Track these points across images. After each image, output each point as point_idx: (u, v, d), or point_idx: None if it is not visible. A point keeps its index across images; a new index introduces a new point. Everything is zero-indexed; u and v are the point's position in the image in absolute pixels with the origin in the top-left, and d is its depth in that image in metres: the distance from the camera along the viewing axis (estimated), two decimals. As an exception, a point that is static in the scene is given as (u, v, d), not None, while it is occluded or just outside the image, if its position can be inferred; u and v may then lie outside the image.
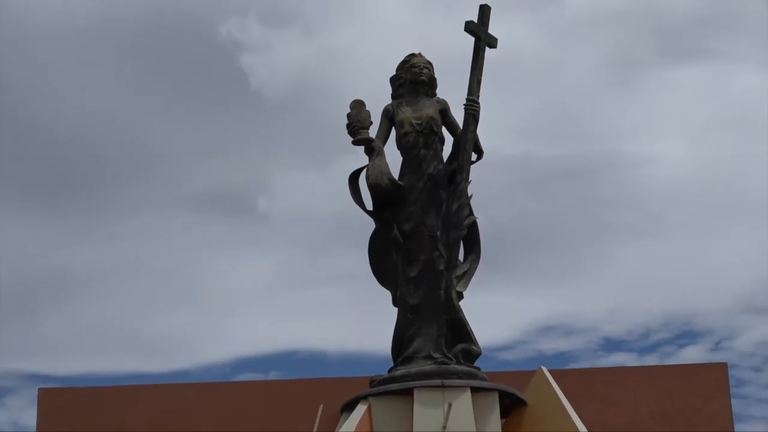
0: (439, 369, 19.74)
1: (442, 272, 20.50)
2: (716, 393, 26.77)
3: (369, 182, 20.95)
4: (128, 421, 26.15)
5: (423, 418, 19.13)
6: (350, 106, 21.22)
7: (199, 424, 25.83)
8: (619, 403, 25.08)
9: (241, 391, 28.27)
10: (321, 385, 24.25)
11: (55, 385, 28.71)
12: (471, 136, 20.79)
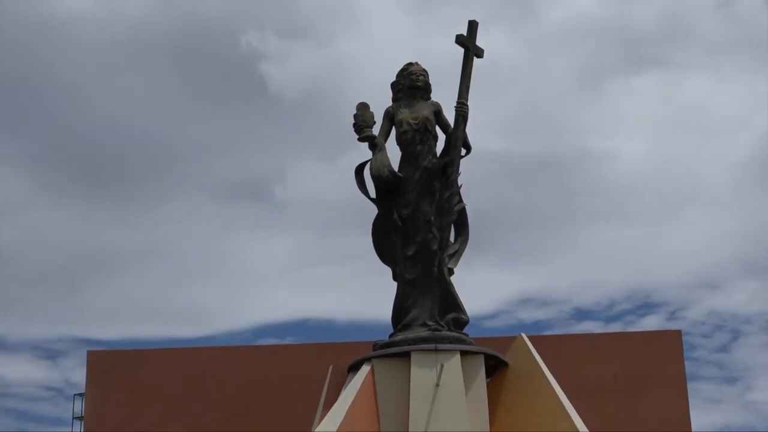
0: (432, 335, 19.81)
1: (435, 251, 20.59)
2: (671, 356, 26.83)
3: (372, 173, 21.09)
4: (164, 378, 26.24)
5: (419, 377, 19.20)
6: (356, 107, 21.43)
7: (225, 382, 25.91)
8: (588, 365, 25.17)
9: (261, 353, 28.35)
10: (330, 349, 24.29)
11: (101, 348, 28.65)
12: (460, 134, 20.90)
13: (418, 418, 18.91)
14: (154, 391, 25.71)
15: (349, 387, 19.69)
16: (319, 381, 22.46)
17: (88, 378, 27.06)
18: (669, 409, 25.71)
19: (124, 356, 28.43)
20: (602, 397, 24.10)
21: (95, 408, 26.82)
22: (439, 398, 19.11)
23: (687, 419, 25.96)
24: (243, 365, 26.52)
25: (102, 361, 27.48)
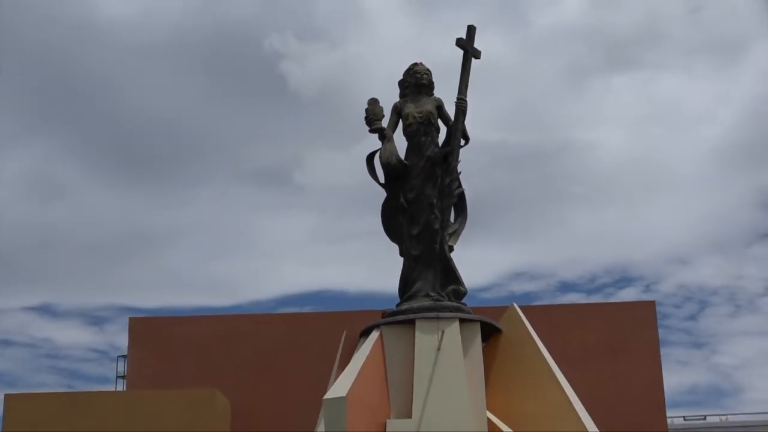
0: (434, 304, 19.81)
1: (437, 230, 20.58)
2: (646, 324, 26.81)
3: (381, 161, 21.09)
4: (196, 341, 26.32)
5: (422, 342, 19.22)
6: (367, 102, 21.46)
7: (250, 345, 25.95)
8: (572, 332, 25.16)
9: (282, 321, 28.38)
10: (344, 317, 24.30)
11: (141, 315, 28.66)
12: (460, 126, 20.89)
13: (421, 378, 18.96)
14: (188, 352, 25.83)
15: (360, 350, 19.74)
16: (334, 345, 22.50)
17: (130, 341, 27.17)
18: (644, 371, 25.74)
19: (161, 322, 28.52)
20: (584, 361, 24.08)
21: (136, 368, 26.94)
22: (440, 361, 19.14)
23: (660, 380, 25.98)
24: (266, 331, 26.59)
25: (142, 327, 27.58)
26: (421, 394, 18.88)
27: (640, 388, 25.45)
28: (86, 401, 24.33)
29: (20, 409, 23.02)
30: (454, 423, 18.58)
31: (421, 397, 18.85)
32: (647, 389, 25.65)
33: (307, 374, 22.93)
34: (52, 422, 22.64)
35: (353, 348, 20.61)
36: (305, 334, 25.34)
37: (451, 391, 18.88)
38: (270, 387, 24.63)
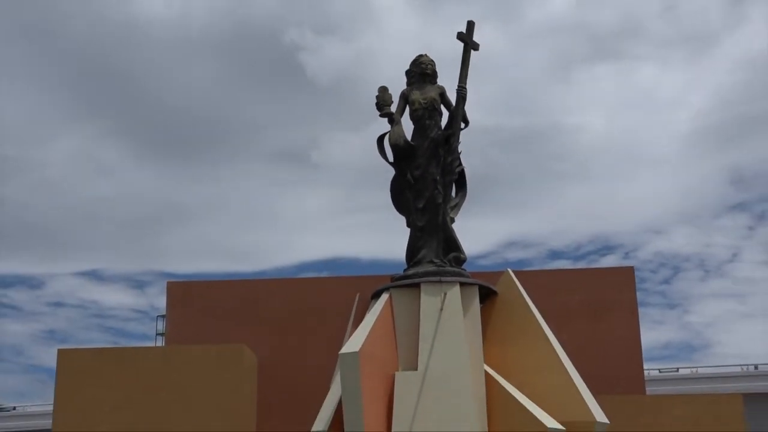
0: (437, 270, 19.83)
1: (440, 204, 20.57)
2: (625, 288, 26.77)
3: (390, 142, 21.10)
4: (226, 303, 26.41)
5: (427, 303, 19.25)
6: (378, 90, 21.53)
7: (274, 307, 26.02)
8: (560, 294, 25.15)
9: (302, 285, 28.41)
10: (357, 281, 24.33)
11: (178, 279, 28.76)
12: (460, 111, 20.86)
13: (426, 335, 18.99)
14: (218, 312, 25.92)
15: (371, 311, 19.76)
16: (348, 306, 22.55)
17: (168, 303, 27.25)
18: (623, 330, 25.73)
19: (195, 285, 28.62)
20: (570, 320, 24.09)
21: (173, 326, 27.07)
22: (443, 320, 19.16)
23: (637, 337, 25.98)
24: (288, 293, 26.67)
25: (178, 290, 27.66)
26: (426, 349, 18.91)
27: (620, 344, 25.47)
28: (129, 356, 24.49)
29: (71, 362, 23.18)
30: (454, 374, 18.64)
31: (425, 352, 18.89)
32: (626, 345, 25.67)
33: (325, 332, 23.00)
34: (99, 374, 22.80)
35: (365, 309, 20.66)
36: (323, 297, 25.39)
37: (452, 346, 18.91)
38: (292, 343, 24.74)
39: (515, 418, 18.16)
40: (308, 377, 22.44)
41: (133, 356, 24.39)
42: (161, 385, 22.51)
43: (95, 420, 22.32)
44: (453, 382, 18.57)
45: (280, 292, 27.07)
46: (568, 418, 17.74)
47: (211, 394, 22.36)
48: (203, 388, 22.43)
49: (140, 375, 22.75)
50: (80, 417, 22.43)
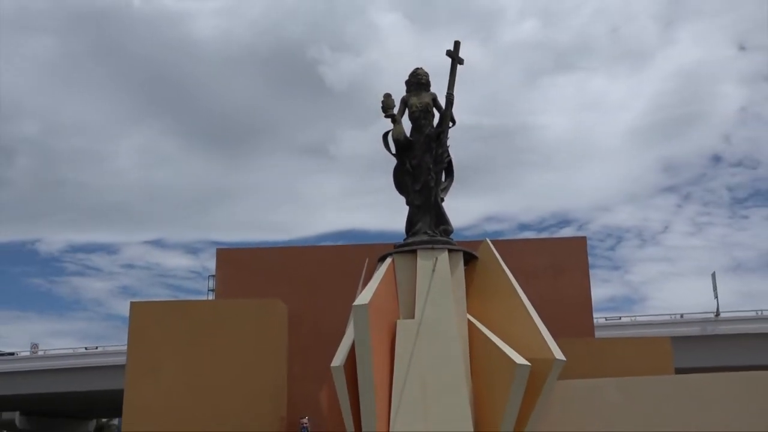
0: (430, 239, 19.84)
1: (432, 187, 20.53)
2: (579, 253, 26.75)
3: (393, 138, 21.09)
4: (263, 264, 26.42)
5: (422, 265, 19.24)
6: (383, 96, 21.61)
7: (302, 267, 26.01)
8: (528, 259, 25.11)
9: (323, 251, 28.41)
10: (367, 248, 24.31)
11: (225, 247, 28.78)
12: (449, 113, 20.77)
13: (421, 291, 19.01)
14: (257, 273, 25.94)
15: (378, 272, 19.78)
16: (359, 268, 22.56)
17: (217, 265, 27.30)
18: (578, 287, 25.74)
19: (239, 252, 28.73)
20: (536, 279, 24.08)
21: (221, 284, 27.13)
22: (435, 278, 19.16)
23: (588, 293, 26.01)
24: (311, 258, 26.73)
25: (225, 255, 27.71)
26: (421, 302, 18.94)
27: (574, 298, 25.47)
28: (186, 307, 24.59)
29: (140, 312, 23.25)
30: (444, 322, 18.67)
31: (421, 305, 18.91)
32: (579, 299, 25.68)
33: (341, 288, 22.97)
34: (162, 321, 22.86)
35: (373, 270, 20.67)
36: (339, 260, 25.40)
37: (442, 300, 18.92)
38: (315, 297, 24.77)
39: (491, 357, 18.24)
40: (328, 324, 22.47)
41: (189, 307, 24.50)
42: (211, 330, 22.57)
43: (159, 357, 22.43)
44: (443, 328, 18.66)
45: (305, 257, 27.08)
46: (533, 356, 17.78)
47: (251, 337, 22.42)
48: (245, 333, 22.48)
49: (195, 322, 22.82)
50: (148, 355, 22.54)
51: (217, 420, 21.48)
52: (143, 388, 22.21)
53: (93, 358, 54.48)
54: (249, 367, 22.06)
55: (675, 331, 41.93)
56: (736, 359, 40.95)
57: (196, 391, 21.94)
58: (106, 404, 61.51)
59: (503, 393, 17.39)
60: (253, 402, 21.73)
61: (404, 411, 17.65)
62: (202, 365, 22.21)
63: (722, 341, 44.66)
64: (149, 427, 21.70)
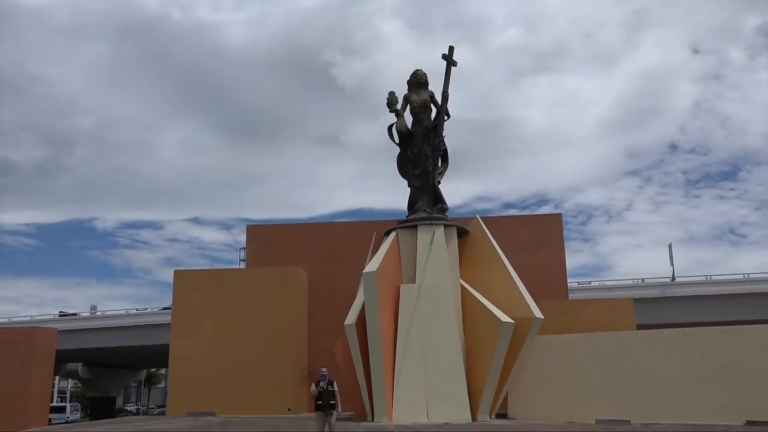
0: (429, 216, 19.83)
1: (430, 172, 20.45)
2: (556, 228, 26.65)
3: (396, 129, 20.98)
4: (287, 237, 26.34)
5: (422, 238, 19.27)
6: (388, 94, 21.40)
7: (320, 240, 25.96)
8: (512, 232, 25.00)
9: (337, 227, 28.37)
10: (375, 224, 24.27)
11: (254, 223, 28.79)
12: (444, 108, 20.67)
13: (421, 260, 19.03)
14: (281, 245, 25.87)
15: (384, 244, 19.78)
16: (368, 241, 22.56)
17: (247, 239, 27.29)
18: (555, 256, 25.67)
19: (266, 227, 28.56)
20: (519, 250, 23.99)
21: (251, 255, 27.09)
22: (433, 249, 19.17)
23: (563, 261, 25.91)
24: (328, 232, 26.67)
25: (255, 230, 27.63)
26: (421, 269, 18.98)
27: (551, 265, 25.41)
28: (221, 275, 24.66)
29: (182, 279, 23.34)
30: (441, 286, 18.72)
31: (421, 271, 18.96)
32: (555, 266, 25.62)
33: (353, 258, 22.99)
34: (201, 287, 22.97)
35: (380, 242, 20.68)
36: (351, 235, 25.37)
37: (439, 267, 18.96)
38: (331, 266, 24.77)
39: (481, 315, 18.34)
40: (341, 289, 22.53)
41: (224, 275, 24.57)
42: (242, 294, 22.67)
43: (199, 318, 22.56)
44: (439, 291, 18.73)
45: (322, 232, 27.05)
46: (516, 315, 17.84)
47: (277, 300, 22.51)
48: (271, 296, 22.57)
49: (228, 287, 22.91)
50: (189, 316, 22.67)
51: (248, 369, 21.66)
52: (185, 343, 22.39)
53: (142, 318, 54.77)
54: (275, 325, 22.19)
55: (636, 293, 41.92)
56: (689, 317, 40.98)
57: (230, 345, 22.11)
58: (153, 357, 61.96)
59: (491, 346, 17.49)
60: (278, 354, 21.89)
61: (407, 361, 17.80)
62: (235, 323, 22.36)
63: (677, 302, 44.66)
64: (191, 375, 21.93)
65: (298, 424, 16.97)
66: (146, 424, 19.06)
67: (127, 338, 53.83)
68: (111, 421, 23.22)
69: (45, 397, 20.91)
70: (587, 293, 44.88)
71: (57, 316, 61.11)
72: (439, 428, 15.45)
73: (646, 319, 32.21)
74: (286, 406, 21.40)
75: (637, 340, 17.80)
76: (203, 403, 21.14)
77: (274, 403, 21.24)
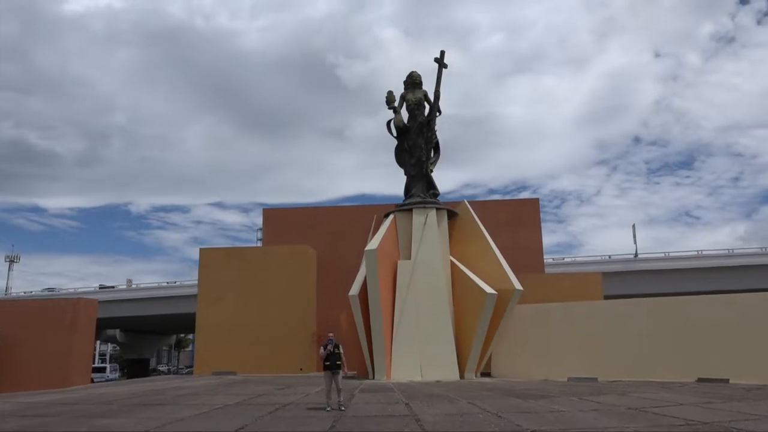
0: (423, 200, 19.77)
1: (424, 161, 20.35)
2: (534, 210, 26.62)
3: (394, 124, 20.84)
4: (299, 219, 26.34)
5: (416, 220, 19.24)
6: (386, 92, 21.20)
7: (327, 222, 25.97)
8: (495, 214, 24.98)
9: (343, 210, 28.27)
10: (375, 208, 24.26)
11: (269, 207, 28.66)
12: (436, 105, 20.47)
13: (416, 239, 19.02)
14: (293, 226, 25.87)
15: (383, 225, 19.74)
16: (370, 222, 22.58)
17: (263, 221, 27.26)
18: (532, 235, 25.67)
19: (280, 210, 28.53)
20: (501, 230, 24.02)
21: (267, 235, 27.10)
22: (426, 230, 19.16)
23: (540, 240, 25.93)
24: (334, 215, 26.63)
25: (270, 213, 27.60)
26: (416, 247, 18.99)
27: (529, 244, 25.42)
28: (241, 252, 24.60)
29: (207, 256, 23.35)
30: (433, 262, 18.74)
31: (416, 248, 18.97)
32: (533, 244, 25.64)
33: (356, 238, 23.02)
34: (224, 263, 22.96)
35: (380, 223, 20.68)
36: (354, 217, 25.34)
37: (431, 245, 18.97)
38: (337, 244, 24.79)
39: (468, 288, 18.38)
40: (346, 265, 22.58)
41: (243, 252, 24.56)
42: (260, 270, 22.69)
43: (222, 290, 22.60)
44: (432, 266, 18.79)
45: (330, 214, 27.01)
46: (498, 287, 17.89)
47: (289, 275, 22.54)
48: (284, 271, 22.59)
49: (248, 263, 22.92)
50: (213, 288, 22.71)
51: (264, 334, 21.76)
52: (210, 312, 22.47)
53: (172, 290, 54.93)
54: (288, 296, 22.25)
55: (604, 267, 42.04)
56: (650, 288, 41.16)
57: (249, 313, 22.19)
58: (182, 323, 62.28)
59: (476, 314, 17.60)
60: (291, 321, 21.98)
61: (403, 327, 17.90)
62: (253, 295, 22.42)
63: (639, 275, 44.85)
64: (215, 339, 22.04)
65: (309, 381, 17.12)
66: (179, 381, 19.18)
67: (159, 307, 54.04)
68: (146, 380, 23.37)
69: (87, 358, 21.02)
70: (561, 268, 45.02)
71: (97, 289, 61.30)
72: (432, 385, 15.59)
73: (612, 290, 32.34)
74: (297, 367, 21.54)
75: (604, 309, 17.89)
76: (226, 363, 21.27)
77: (287, 364, 21.38)
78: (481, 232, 19.89)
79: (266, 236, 27.24)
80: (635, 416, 8.67)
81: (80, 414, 10.09)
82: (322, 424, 8.23)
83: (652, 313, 16.80)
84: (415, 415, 9.12)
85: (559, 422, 8.16)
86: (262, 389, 14.29)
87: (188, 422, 8.71)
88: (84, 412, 10.43)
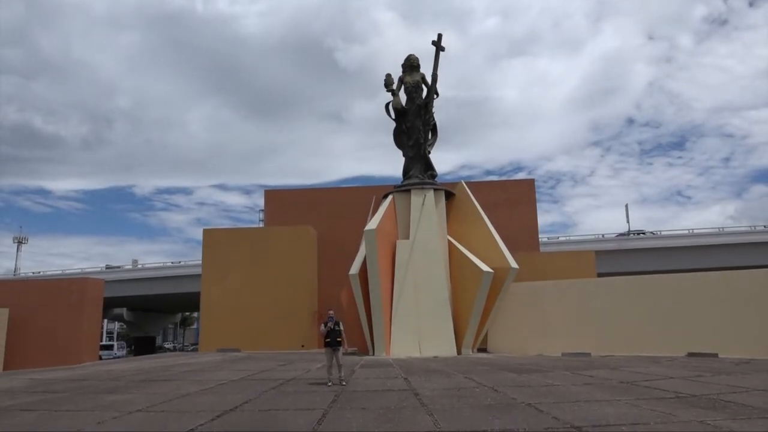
0: (421, 181, 19.68)
1: (422, 143, 20.23)
2: (529, 191, 26.61)
3: (393, 106, 20.62)
4: (300, 200, 26.33)
5: (415, 200, 19.17)
6: (385, 75, 20.94)
7: (327, 202, 25.93)
8: (491, 195, 24.98)
9: (343, 191, 28.23)
10: (375, 189, 24.20)
11: (271, 189, 28.68)
12: (434, 87, 20.28)
13: (414, 219, 18.99)
14: (295, 207, 25.88)
15: (383, 205, 19.69)
16: (368, 203, 22.53)
17: (265, 202, 27.25)
18: (528, 215, 25.70)
19: (281, 192, 28.50)
20: (497, 209, 24.02)
21: (269, 215, 27.09)
22: (424, 210, 19.14)
23: (535, 219, 25.98)
24: (335, 196, 26.63)
25: (271, 195, 27.57)
26: (414, 227, 18.98)
27: (525, 223, 25.46)
28: (243, 233, 24.62)
29: (211, 237, 23.38)
30: (431, 241, 18.75)
31: (414, 228, 18.96)
32: (529, 224, 25.69)
33: (356, 218, 23.02)
34: (227, 243, 23.01)
35: (379, 204, 20.64)
36: (354, 198, 25.32)
37: (429, 225, 18.96)
38: (337, 224, 24.81)
39: (465, 266, 18.39)
40: (346, 244, 22.61)
41: (246, 233, 24.59)
42: (262, 249, 22.74)
43: (226, 270, 22.66)
44: (430, 246, 18.78)
45: (329, 195, 26.99)
46: (495, 265, 17.94)
47: (290, 254, 22.60)
48: (286, 250, 22.65)
49: (250, 243, 22.96)
50: (217, 268, 22.77)
51: (267, 312, 21.89)
52: (214, 290, 22.56)
53: (177, 270, 55.09)
54: (289, 275, 22.33)
55: (597, 246, 42.16)
56: (642, 266, 41.32)
57: (252, 292, 22.28)
58: (187, 302, 62.59)
59: (473, 292, 17.65)
60: (293, 299, 22.09)
61: (402, 305, 17.97)
62: (255, 274, 22.49)
63: (632, 253, 45.00)
64: (219, 317, 22.18)
65: (310, 357, 17.25)
66: (184, 358, 19.34)
67: (164, 287, 54.23)
68: (153, 357, 23.55)
69: (95, 336, 21.13)
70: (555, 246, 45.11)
71: (104, 269, 61.43)
72: (430, 360, 15.71)
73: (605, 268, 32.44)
74: (299, 343, 21.70)
75: (597, 286, 17.97)
76: (230, 340, 21.41)
77: (289, 341, 21.54)
78: (477, 212, 19.88)
79: (268, 217, 27.23)
80: (626, 389, 8.76)
81: (89, 390, 10.18)
82: (324, 398, 8.32)
83: (643, 290, 16.87)
84: (413, 389, 9.21)
85: (553, 395, 8.24)
86: (265, 365, 14.41)
87: (194, 397, 8.80)
88: (92, 388, 10.52)
